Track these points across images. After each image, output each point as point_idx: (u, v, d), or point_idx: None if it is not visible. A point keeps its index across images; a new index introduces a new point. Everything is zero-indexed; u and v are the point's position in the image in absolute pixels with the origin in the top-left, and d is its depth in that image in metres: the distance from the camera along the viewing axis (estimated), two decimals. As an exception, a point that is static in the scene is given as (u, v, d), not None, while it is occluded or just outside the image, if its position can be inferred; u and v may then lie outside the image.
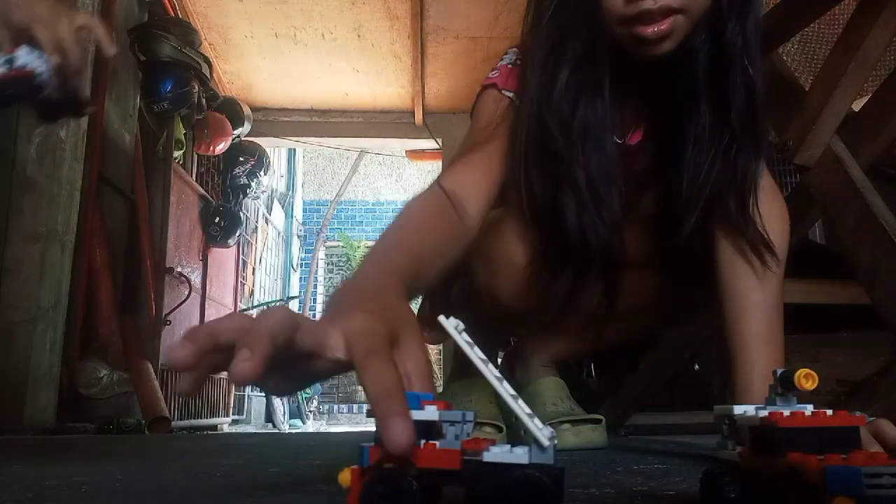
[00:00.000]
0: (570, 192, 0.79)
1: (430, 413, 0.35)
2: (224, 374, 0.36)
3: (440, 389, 1.14)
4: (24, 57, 0.57)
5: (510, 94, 0.87)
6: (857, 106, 1.06)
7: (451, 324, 0.36)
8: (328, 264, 7.37)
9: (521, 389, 1.18)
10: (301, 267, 6.97)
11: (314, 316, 7.14)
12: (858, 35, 0.91)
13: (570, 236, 0.80)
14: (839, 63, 0.93)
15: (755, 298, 0.81)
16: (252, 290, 5.32)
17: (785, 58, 1.39)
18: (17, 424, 1.93)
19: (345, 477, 0.33)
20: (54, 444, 1.39)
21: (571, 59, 0.77)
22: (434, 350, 6.34)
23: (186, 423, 3.45)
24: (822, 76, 0.97)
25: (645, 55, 0.76)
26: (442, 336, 1.37)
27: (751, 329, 0.79)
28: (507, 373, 1.24)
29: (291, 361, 0.38)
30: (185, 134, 3.34)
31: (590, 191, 0.79)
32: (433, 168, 5.70)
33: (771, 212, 0.83)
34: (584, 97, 0.78)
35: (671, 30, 0.72)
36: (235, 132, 3.79)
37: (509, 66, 0.90)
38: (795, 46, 1.57)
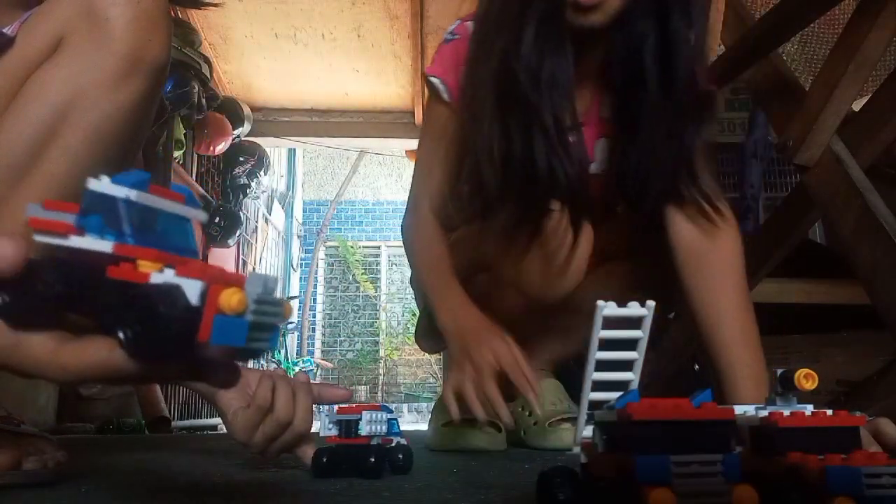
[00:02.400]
0: (541, 136, 0.86)
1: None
2: None
3: (440, 390, 1.14)
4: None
5: (439, 84, 1.03)
6: (857, 106, 1.06)
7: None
8: (328, 264, 7.37)
9: (519, 394, 1.17)
10: (301, 267, 6.97)
11: (314, 316, 7.03)
12: (858, 36, 0.91)
13: (540, 175, 0.86)
14: (839, 63, 0.94)
15: (726, 301, 0.84)
16: (252, 290, 5.30)
17: (785, 58, 1.39)
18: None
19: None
20: (54, 444, 1.37)
21: (535, 18, 0.84)
22: (433, 358, 6.34)
23: (186, 423, 3.45)
24: (822, 76, 0.97)
25: (578, 24, 0.84)
26: (437, 347, 1.36)
27: (726, 332, 0.83)
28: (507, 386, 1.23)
29: None
30: (185, 134, 3.33)
31: (558, 134, 0.86)
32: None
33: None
34: (549, 52, 0.85)
35: (602, 0, 0.82)
36: (235, 132, 3.79)
37: (445, 43, 1.06)
38: (795, 46, 1.57)
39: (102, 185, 0.31)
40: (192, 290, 0.28)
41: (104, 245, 0.30)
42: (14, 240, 0.32)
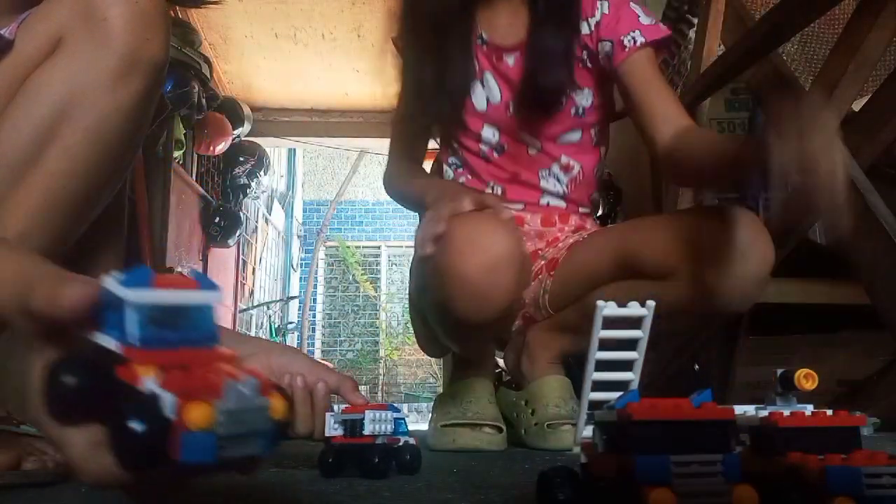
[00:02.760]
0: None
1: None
2: None
3: (440, 390, 1.14)
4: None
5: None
6: (856, 106, 1.05)
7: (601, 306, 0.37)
8: (328, 264, 7.37)
9: (526, 385, 1.17)
10: (301, 267, 6.97)
11: (314, 317, 7.03)
12: (858, 36, 0.91)
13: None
14: (839, 63, 0.93)
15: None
16: (252, 290, 5.32)
17: (784, 58, 1.39)
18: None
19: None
20: (54, 444, 1.36)
21: None
22: (435, 360, 6.33)
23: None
24: (823, 76, 0.97)
25: None
26: (443, 351, 1.35)
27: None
28: (516, 371, 1.22)
29: None
30: (185, 134, 3.33)
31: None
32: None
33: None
34: None
35: None
36: (235, 132, 3.79)
37: None
38: (795, 46, 1.57)
39: (109, 284, 0.31)
40: (168, 402, 0.28)
41: (113, 344, 0.30)
42: (84, 283, 0.31)
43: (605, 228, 1.27)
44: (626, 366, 0.40)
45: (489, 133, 1.17)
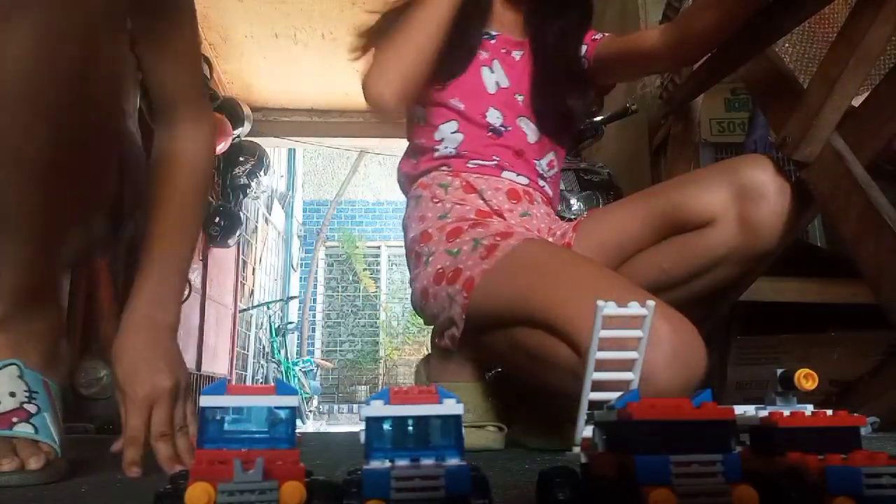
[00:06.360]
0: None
1: None
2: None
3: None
4: None
5: None
6: (856, 102, 1.04)
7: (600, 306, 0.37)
8: (328, 264, 7.37)
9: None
10: (301, 267, 6.97)
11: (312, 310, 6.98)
12: (859, 30, 0.89)
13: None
14: (840, 58, 0.91)
15: None
16: (252, 290, 5.32)
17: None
18: (17, 424, 1.93)
19: None
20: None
21: None
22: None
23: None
24: (823, 71, 0.95)
25: None
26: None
27: None
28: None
29: None
30: (184, 134, 3.33)
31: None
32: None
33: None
34: None
35: None
36: (235, 132, 3.79)
37: None
38: (787, 44, 1.56)
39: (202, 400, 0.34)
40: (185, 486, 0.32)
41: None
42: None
43: (619, 201, 1.21)
44: (626, 366, 0.40)
45: (494, 116, 1.15)
